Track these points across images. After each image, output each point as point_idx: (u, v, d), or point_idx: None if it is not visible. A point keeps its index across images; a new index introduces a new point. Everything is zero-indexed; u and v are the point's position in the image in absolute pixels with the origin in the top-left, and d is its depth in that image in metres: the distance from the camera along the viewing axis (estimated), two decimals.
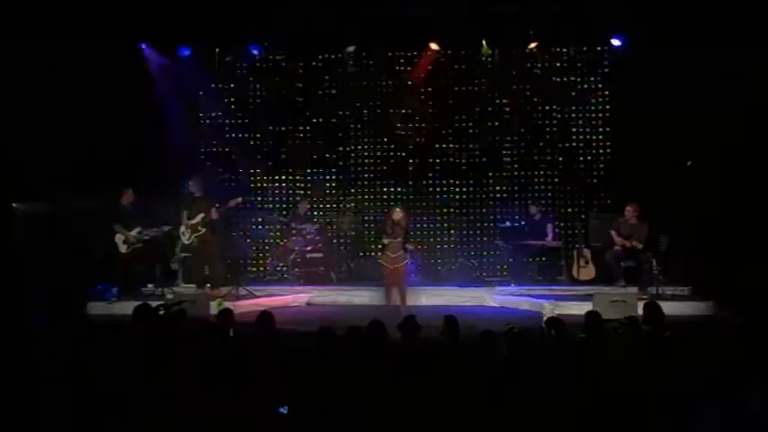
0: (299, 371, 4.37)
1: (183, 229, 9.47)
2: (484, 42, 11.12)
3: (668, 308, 6.61)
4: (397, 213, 8.78)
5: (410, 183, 11.44)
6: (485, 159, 11.42)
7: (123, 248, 9.22)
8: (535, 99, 11.32)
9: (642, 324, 5.47)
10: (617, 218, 9.58)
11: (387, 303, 8.82)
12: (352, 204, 11.56)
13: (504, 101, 11.37)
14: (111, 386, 4.19)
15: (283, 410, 3.97)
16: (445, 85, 11.43)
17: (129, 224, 9.27)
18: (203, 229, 9.32)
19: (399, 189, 11.48)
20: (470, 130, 11.47)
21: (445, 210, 11.43)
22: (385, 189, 11.56)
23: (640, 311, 6.09)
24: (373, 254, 11.22)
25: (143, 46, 10.56)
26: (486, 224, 11.44)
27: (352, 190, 11.60)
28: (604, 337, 5.22)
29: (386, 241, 8.72)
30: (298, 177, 11.59)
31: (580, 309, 7.66)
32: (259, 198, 11.56)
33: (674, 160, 9.75)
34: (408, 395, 4.10)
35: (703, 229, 8.95)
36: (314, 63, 11.47)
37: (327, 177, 11.62)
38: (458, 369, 4.33)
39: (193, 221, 9.33)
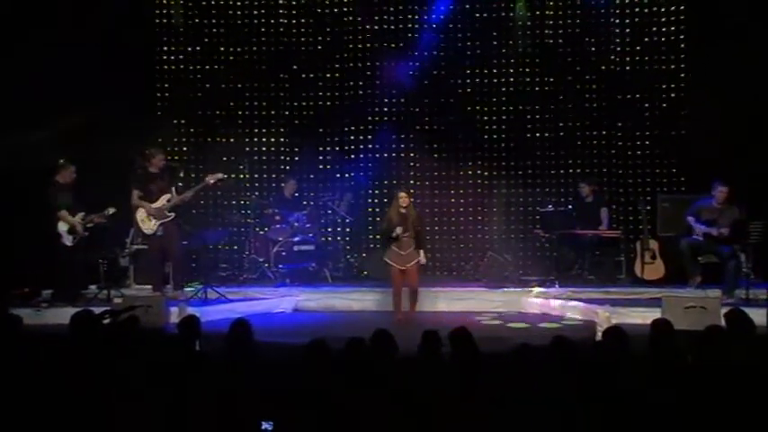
0: (284, 395, 4.34)
1: (141, 215, 9.40)
2: None
3: (760, 317, 6.55)
4: (404, 199, 8.90)
5: (426, 155, 11.44)
6: (519, 125, 11.40)
7: (68, 240, 9.24)
8: (592, 46, 11.24)
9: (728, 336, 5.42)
10: (694, 200, 9.43)
11: (396, 311, 8.91)
12: (351, 182, 11.57)
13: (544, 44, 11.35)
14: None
15: (267, 426, 4.11)
16: (469, 29, 11.49)
17: (71, 209, 9.27)
18: (172, 214, 9.31)
19: (413, 164, 11.49)
20: (503, 88, 11.47)
21: (470, 190, 11.39)
22: (394, 163, 11.59)
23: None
24: (377, 246, 11.26)
25: None
26: (522, 208, 11.42)
27: (352, 164, 11.63)
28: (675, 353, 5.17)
29: (399, 230, 8.78)
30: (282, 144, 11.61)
31: (644, 317, 7.60)
32: (233, 175, 11.56)
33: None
34: (422, 426, 4.06)
35: None
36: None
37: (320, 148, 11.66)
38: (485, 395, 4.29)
39: (157, 205, 9.29)
